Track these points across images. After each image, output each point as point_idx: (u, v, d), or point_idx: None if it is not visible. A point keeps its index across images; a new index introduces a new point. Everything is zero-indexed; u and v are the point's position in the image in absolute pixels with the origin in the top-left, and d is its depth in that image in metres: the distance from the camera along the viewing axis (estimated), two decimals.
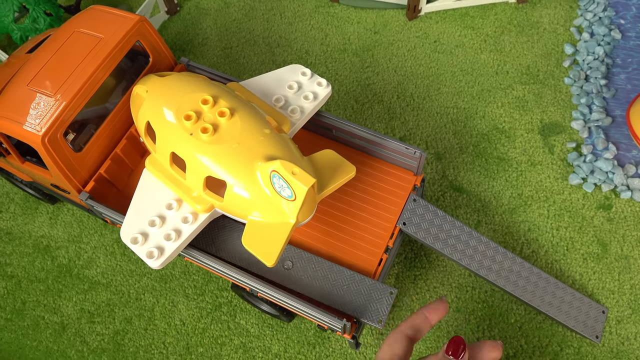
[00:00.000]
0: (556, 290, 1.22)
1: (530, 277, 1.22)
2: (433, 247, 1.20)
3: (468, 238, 1.21)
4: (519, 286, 1.20)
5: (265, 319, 1.33)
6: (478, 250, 1.20)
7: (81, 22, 1.19)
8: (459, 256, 1.20)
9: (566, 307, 1.22)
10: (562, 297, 1.22)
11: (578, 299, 1.24)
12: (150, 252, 1.05)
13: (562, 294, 1.23)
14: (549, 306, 1.21)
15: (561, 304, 1.22)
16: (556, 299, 1.22)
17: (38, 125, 1.08)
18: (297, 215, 1.01)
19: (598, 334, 1.23)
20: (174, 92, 1.11)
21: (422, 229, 1.19)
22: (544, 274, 1.23)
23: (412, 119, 1.56)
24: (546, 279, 1.23)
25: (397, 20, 1.74)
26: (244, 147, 1.04)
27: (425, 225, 1.20)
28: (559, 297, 1.22)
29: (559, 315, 1.21)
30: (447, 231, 1.20)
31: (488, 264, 1.21)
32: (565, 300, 1.22)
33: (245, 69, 1.70)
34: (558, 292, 1.22)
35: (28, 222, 1.51)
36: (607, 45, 1.61)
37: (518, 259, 1.22)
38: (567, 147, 1.48)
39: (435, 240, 1.19)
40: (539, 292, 1.21)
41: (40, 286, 1.42)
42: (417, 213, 1.20)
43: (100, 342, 1.35)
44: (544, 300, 1.21)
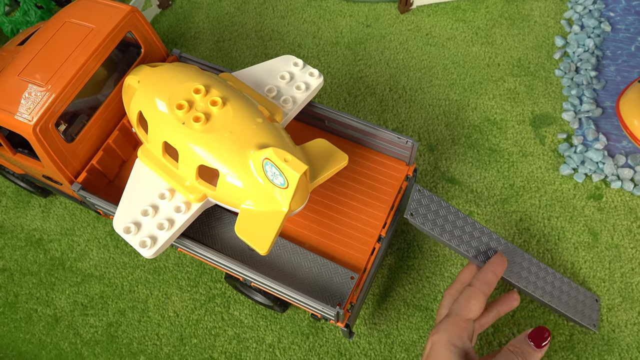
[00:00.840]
0: (554, 280, 1.22)
1: (531, 267, 1.21)
2: (441, 239, 1.15)
3: (472, 229, 1.18)
4: (522, 277, 1.19)
5: (259, 309, 1.34)
6: (482, 241, 1.17)
7: (72, 13, 1.19)
8: (465, 248, 1.16)
9: (565, 297, 1.22)
10: (560, 287, 1.22)
11: (574, 288, 1.24)
12: (143, 241, 1.05)
13: (560, 283, 1.23)
14: (551, 297, 1.20)
15: (560, 294, 1.21)
16: (555, 289, 1.21)
17: (29, 115, 1.08)
18: (290, 204, 1.02)
19: (595, 322, 1.24)
20: (165, 82, 1.11)
21: (429, 220, 1.14)
22: (542, 264, 1.23)
23: (405, 111, 1.57)
24: (545, 269, 1.22)
25: (389, 14, 1.75)
26: (237, 135, 1.04)
27: (432, 217, 1.15)
28: (558, 287, 1.22)
29: (560, 305, 1.20)
30: (452, 222, 1.16)
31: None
32: (563, 290, 1.22)
33: (237, 62, 1.70)
34: (556, 282, 1.22)
35: (20, 216, 1.50)
36: (597, 37, 1.62)
37: (517, 248, 1.21)
38: (558, 138, 1.49)
39: (442, 232, 1.14)
40: (540, 283, 1.20)
41: (33, 279, 1.42)
42: (423, 204, 1.16)
43: (93, 334, 1.34)
44: (545, 290, 1.20)
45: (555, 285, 1.22)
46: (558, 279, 1.23)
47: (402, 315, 1.31)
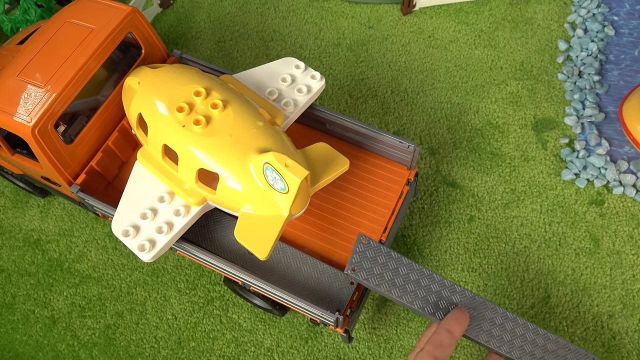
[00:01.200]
0: (537, 337, 1.02)
1: (506, 323, 1.02)
2: (389, 296, 1.00)
3: (429, 282, 1.01)
4: (493, 336, 1.00)
5: (257, 313, 1.33)
6: (442, 295, 1.01)
7: (72, 13, 1.18)
8: (420, 304, 0.99)
9: (551, 357, 1.01)
10: (545, 346, 1.02)
11: (563, 347, 1.02)
12: (142, 245, 1.04)
13: (544, 341, 1.02)
14: (531, 358, 1.00)
15: (545, 354, 1.01)
16: (538, 349, 1.01)
17: (28, 117, 1.07)
18: (290, 208, 1.01)
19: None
20: (166, 84, 1.10)
21: (375, 274, 1.00)
22: (521, 318, 1.03)
23: (406, 113, 1.56)
24: (523, 325, 1.02)
25: (392, 15, 1.74)
26: (237, 139, 1.03)
27: (379, 270, 1.01)
28: (541, 345, 1.02)
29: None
30: (405, 275, 1.01)
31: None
32: (548, 349, 1.02)
33: (238, 63, 1.69)
34: (539, 340, 1.02)
35: (18, 216, 1.49)
36: (601, 41, 1.61)
37: (487, 302, 1.03)
38: (560, 142, 1.49)
39: (392, 287, 1.00)
40: (518, 341, 1.01)
41: (31, 280, 1.41)
42: (368, 256, 1.01)
43: (91, 336, 1.34)
44: (525, 350, 1.00)
45: (538, 344, 1.02)
46: (541, 336, 1.02)
47: (401, 320, 1.30)
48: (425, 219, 1.41)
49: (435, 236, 1.38)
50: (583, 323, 1.27)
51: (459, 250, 1.36)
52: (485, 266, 1.34)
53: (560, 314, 1.28)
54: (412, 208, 1.42)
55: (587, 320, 1.27)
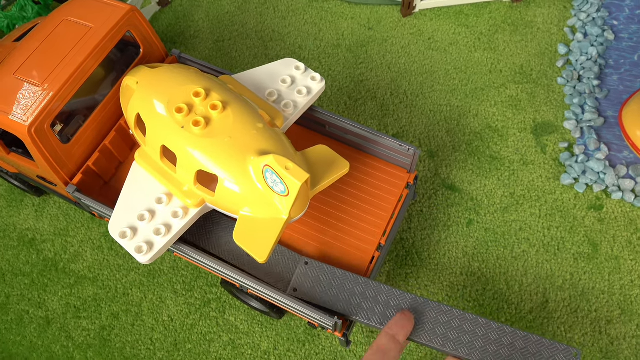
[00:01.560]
0: (502, 336, 0.98)
1: (464, 325, 0.99)
2: (334, 310, 1.02)
3: (376, 293, 1.03)
4: (449, 338, 0.97)
5: (254, 315, 1.32)
6: (390, 304, 1.01)
7: (70, 11, 1.16)
8: (366, 315, 1.00)
9: (519, 355, 0.97)
10: (513, 343, 0.98)
11: (535, 343, 0.98)
12: (139, 246, 1.03)
13: (512, 339, 0.98)
14: (496, 357, 0.97)
15: (513, 352, 0.97)
16: (504, 348, 0.97)
17: (24, 115, 1.05)
18: (290, 211, 1.00)
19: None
20: (165, 84, 1.09)
21: (318, 292, 1.03)
22: (482, 318, 0.99)
23: (406, 116, 1.55)
24: (486, 325, 0.99)
25: (392, 17, 1.73)
26: (237, 141, 1.02)
27: (322, 288, 1.04)
28: (508, 343, 0.98)
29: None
30: (349, 290, 1.04)
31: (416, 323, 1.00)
32: (517, 346, 0.98)
33: (237, 62, 1.67)
34: (506, 339, 0.98)
35: (13, 215, 1.47)
36: (600, 46, 1.61)
37: (441, 304, 1.01)
38: (560, 147, 1.48)
39: (336, 302, 1.02)
40: (479, 342, 0.97)
41: (25, 280, 1.39)
42: (310, 276, 1.06)
43: (86, 337, 1.32)
44: (488, 350, 0.96)
45: (504, 343, 0.97)
46: (508, 334, 0.98)
47: None
48: (424, 223, 1.40)
49: (434, 240, 1.38)
50: (581, 328, 1.26)
51: (458, 254, 1.36)
52: (484, 270, 1.34)
53: (559, 319, 1.27)
54: (410, 211, 1.42)
55: (586, 326, 1.27)
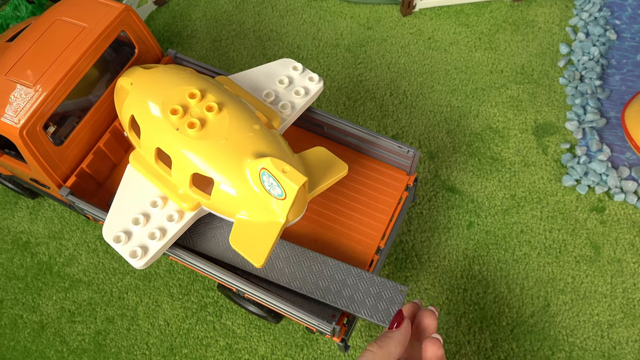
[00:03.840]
0: (336, 272, 1.07)
1: (304, 262, 1.07)
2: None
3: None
4: (284, 273, 1.06)
5: (252, 319, 1.30)
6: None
7: (64, 10, 1.14)
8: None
9: (349, 289, 1.06)
10: (344, 280, 1.07)
11: (366, 280, 1.07)
12: (134, 251, 1.01)
13: (344, 276, 1.07)
14: (325, 291, 1.05)
15: (342, 287, 1.06)
16: (335, 283, 1.06)
17: (16, 117, 1.03)
18: (287, 215, 0.98)
19: (387, 318, 1.06)
20: (159, 85, 1.07)
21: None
22: (321, 256, 1.08)
23: (405, 116, 1.53)
24: (323, 262, 1.08)
25: (391, 16, 1.71)
26: (233, 143, 1.00)
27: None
28: (340, 280, 1.07)
29: (327, 296, 1.05)
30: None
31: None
32: (348, 283, 1.07)
33: (235, 62, 1.65)
34: (339, 275, 1.07)
35: (7, 217, 1.45)
36: (603, 45, 1.59)
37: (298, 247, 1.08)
38: (561, 148, 1.46)
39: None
40: (312, 277, 1.06)
41: (19, 284, 1.37)
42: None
43: (80, 342, 1.30)
44: (319, 285, 1.05)
45: (337, 279, 1.06)
46: (342, 271, 1.07)
47: None
48: (423, 225, 1.38)
49: (434, 242, 1.36)
50: (583, 332, 1.24)
51: (458, 256, 1.34)
52: (484, 273, 1.32)
53: (560, 323, 1.25)
54: (410, 213, 1.40)
55: (587, 329, 1.25)
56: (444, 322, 1.27)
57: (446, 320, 1.27)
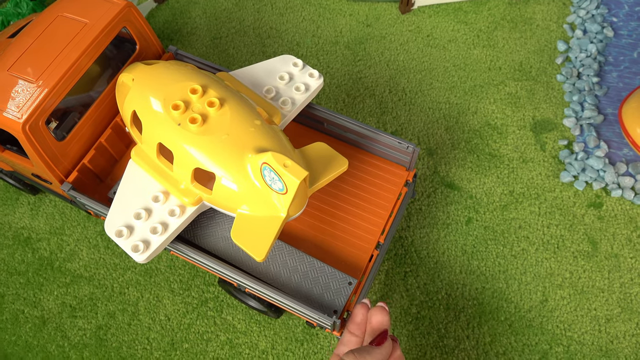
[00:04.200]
0: (299, 264, 1.10)
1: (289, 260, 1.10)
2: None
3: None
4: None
5: (252, 314, 1.31)
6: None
7: (65, 6, 1.15)
8: None
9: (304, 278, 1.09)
10: (307, 272, 1.09)
11: (318, 269, 1.10)
12: (136, 245, 1.02)
13: (307, 268, 1.10)
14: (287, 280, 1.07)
15: (303, 278, 1.09)
16: (297, 274, 1.09)
17: (19, 112, 1.04)
18: (288, 209, 0.99)
19: (337, 308, 1.08)
20: (161, 81, 1.08)
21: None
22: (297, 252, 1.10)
23: (404, 113, 1.54)
24: (298, 256, 1.10)
25: (390, 14, 1.72)
26: (234, 138, 1.01)
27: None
28: (302, 271, 1.09)
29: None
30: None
31: None
32: (310, 275, 1.09)
33: (234, 59, 1.66)
34: (301, 267, 1.10)
35: (8, 213, 1.46)
36: (600, 42, 1.60)
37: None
38: (559, 144, 1.48)
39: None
40: (286, 270, 1.08)
41: (20, 279, 1.38)
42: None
43: (82, 337, 1.31)
44: (292, 279, 1.07)
45: (299, 270, 1.07)
46: (306, 263, 1.09)
47: (398, 323, 1.28)
48: (422, 221, 1.39)
49: (433, 238, 1.37)
50: (581, 327, 1.26)
51: (457, 252, 1.35)
52: (483, 268, 1.33)
53: (558, 318, 1.27)
54: (409, 209, 1.41)
55: (585, 324, 1.26)
56: (444, 316, 1.28)
57: (445, 315, 1.28)
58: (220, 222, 1.18)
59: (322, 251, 1.18)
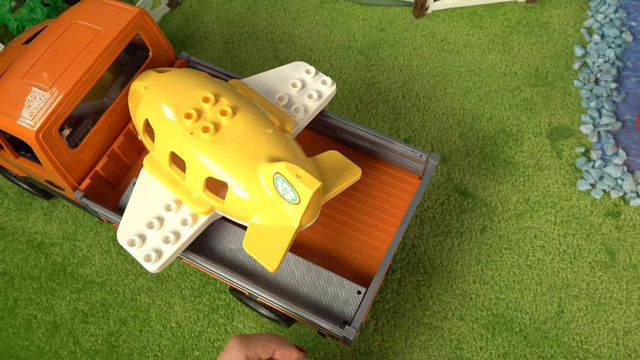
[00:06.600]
0: (307, 274, 1.09)
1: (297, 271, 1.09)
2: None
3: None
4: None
5: (263, 322, 1.30)
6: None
7: (79, 14, 1.15)
8: None
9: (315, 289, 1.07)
10: (325, 287, 1.07)
11: (325, 278, 1.09)
12: (148, 255, 1.01)
13: (315, 278, 1.08)
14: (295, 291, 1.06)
15: (312, 289, 1.07)
16: (305, 284, 1.07)
17: (32, 120, 1.04)
18: (301, 219, 0.98)
19: (347, 318, 1.07)
20: (173, 89, 1.07)
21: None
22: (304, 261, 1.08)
23: (418, 119, 1.52)
24: (317, 272, 1.08)
25: (404, 18, 1.70)
26: (246, 147, 1.00)
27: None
28: (310, 281, 1.08)
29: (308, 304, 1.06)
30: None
31: None
32: (317, 285, 1.07)
33: (247, 64, 1.65)
34: (309, 277, 1.09)
35: (22, 218, 1.47)
36: (618, 47, 1.57)
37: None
38: (576, 151, 1.45)
39: None
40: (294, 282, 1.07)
41: (33, 284, 1.39)
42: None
43: (93, 343, 1.31)
44: (300, 291, 1.05)
45: (306, 280, 1.06)
46: (314, 273, 1.08)
47: (410, 333, 1.27)
48: (436, 229, 1.37)
49: (447, 246, 1.35)
50: (598, 339, 1.23)
51: (471, 261, 1.33)
52: (497, 278, 1.31)
53: (574, 330, 1.24)
54: (423, 217, 1.39)
55: (602, 337, 1.23)
56: (457, 327, 1.26)
57: (459, 326, 1.27)
58: (230, 231, 1.17)
59: (333, 259, 1.17)
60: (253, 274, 1.13)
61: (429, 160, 1.16)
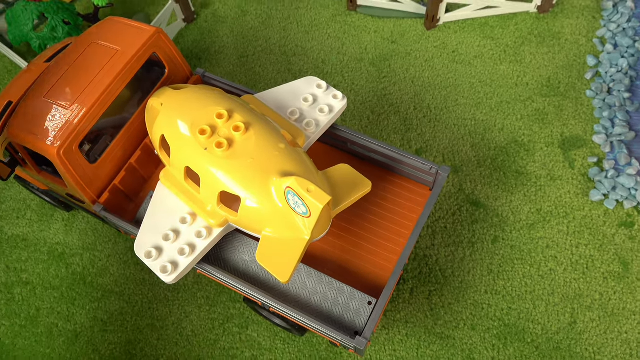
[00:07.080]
0: (318, 285, 1.09)
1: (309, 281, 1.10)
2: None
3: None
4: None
5: (277, 331, 1.32)
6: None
7: (98, 34, 1.19)
8: None
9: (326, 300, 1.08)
10: (336, 298, 1.07)
11: (338, 290, 1.09)
12: (164, 266, 1.05)
13: (326, 288, 1.08)
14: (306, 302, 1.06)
15: (324, 301, 1.07)
16: (317, 295, 1.08)
17: (54, 138, 1.08)
18: (312, 232, 1.00)
19: (358, 329, 1.07)
20: (188, 106, 1.11)
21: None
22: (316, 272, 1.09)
23: (429, 130, 1.54)
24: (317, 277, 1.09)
25: (415, 30, 1.72)
26: (259, 162, 1.03)
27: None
28: (322, 292, 1.08)
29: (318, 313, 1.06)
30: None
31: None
32: (329, 297, 1.08)
33: (261, 77, 1.69)
34: (320, 287, 1.09)
35: (44, 229, 1.52)
36: (632, 57, 1.57)
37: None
38: (589, 162, 1.45)
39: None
40: (306, 292, 1.08)
41: (55, 293, 1.43)
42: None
43: (112, 351, 1.35)
44: (312, 301, 1.06)
45: (318, 291, 1.07)
46: (325, 284, 1.08)
47: (422, 343, 1.28)
48: (447, 239, 1.38)
49: (458, 257, 1.36)
50: (611, 350, 1.23)
51: (483, 271, 1.34)
52: (509, 289, 1.31)
53: (587, 341, 1.24)
54: (434, 227, 1.40)
55: (616, 348, 1.23)
56: (468, 337, 1.27)
57: (471, 336, 1.27)
58: (244, 242, 1.20)
59: (344, 270, 1.19)
60: (266, 284, 1.16)
61: (439, 173, 1.17)
